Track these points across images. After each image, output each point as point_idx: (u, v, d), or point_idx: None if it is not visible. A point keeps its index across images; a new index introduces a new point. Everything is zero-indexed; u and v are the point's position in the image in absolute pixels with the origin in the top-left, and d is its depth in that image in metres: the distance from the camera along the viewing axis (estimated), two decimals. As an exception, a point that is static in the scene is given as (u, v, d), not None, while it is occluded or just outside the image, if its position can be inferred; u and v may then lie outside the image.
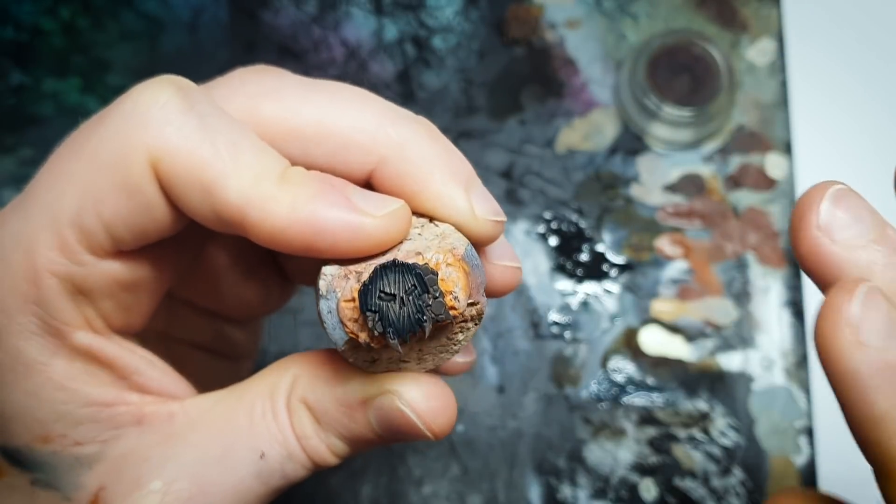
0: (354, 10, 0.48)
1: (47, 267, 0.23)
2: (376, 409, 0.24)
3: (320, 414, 0.24)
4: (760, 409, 0.43)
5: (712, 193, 0.45)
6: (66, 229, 0.23)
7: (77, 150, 0.23)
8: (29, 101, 0.47)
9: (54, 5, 0.48)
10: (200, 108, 0.22)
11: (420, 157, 0.24)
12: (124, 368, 0.25)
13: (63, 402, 0.24)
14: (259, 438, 0.24)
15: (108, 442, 0.24)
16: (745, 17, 0.48)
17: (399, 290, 0.21)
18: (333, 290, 0.22)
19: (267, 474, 0.24)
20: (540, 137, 0.47)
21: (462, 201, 0.23)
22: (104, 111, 0.23)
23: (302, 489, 0.42)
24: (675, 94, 0.45)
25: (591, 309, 0.45)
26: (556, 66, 0.47)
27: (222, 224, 0.22)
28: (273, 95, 0.24)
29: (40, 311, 0.23)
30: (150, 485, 0.23)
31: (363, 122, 0.24)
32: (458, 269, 0.22)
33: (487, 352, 0.44)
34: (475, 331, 0.23)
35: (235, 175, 0.22)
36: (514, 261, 0.26)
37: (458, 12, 0.48)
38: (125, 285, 0.24)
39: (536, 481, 0.42)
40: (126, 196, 0.22)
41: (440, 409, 0.24)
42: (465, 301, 0.22)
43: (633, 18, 0.48)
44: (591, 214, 0.46)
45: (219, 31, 0.48)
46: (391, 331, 0.21)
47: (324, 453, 0.25)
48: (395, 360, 0.23)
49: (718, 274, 0.44)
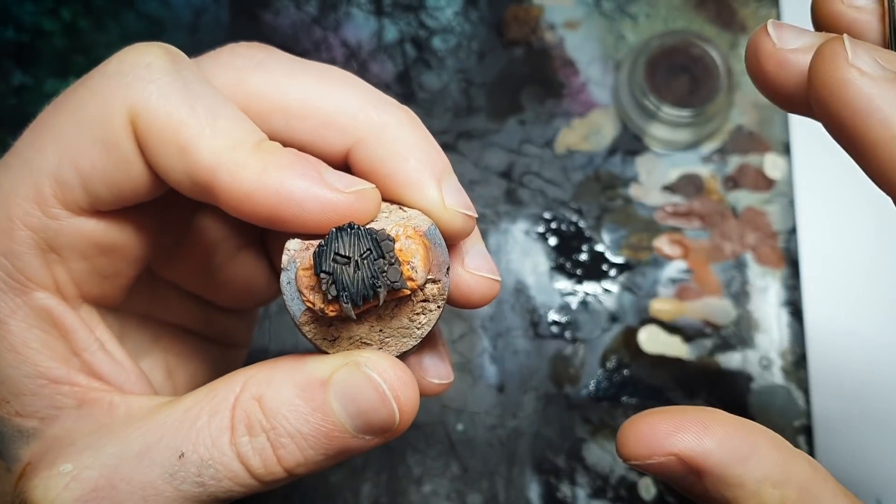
0: (355, 10, 0.49)
1: (20, 217, 0.23)
2: (340, 384, 0.22)
3: (274, 411, 0.22)
4: (759, 408, 0.43)
5: (711, 193, 0.46)
6: (43, 181, 0.23)
7: (59, 108, 0.23)
8: (30, 101, 0.48)
9: (55, 6, 0.49)
10: (185, 73, 0.23)
11: (397, 142, 0.24)
12: (78, 342, 0.24)
13: (12, 365, 0.23)
14: (183, 439, 0.22)
15: (46, 420, 0.24)
16: (744, 18, 0.48)
17: (354, 253, 0.21)
18: (293, 261, 0.22)
19: (181, 477, 0.22)
20: (539, 138, 0.47)
21: (432, 189, 0.23)
22: (90, 72, 0.23)
23: (302, 487, 0.42)
24: (674, 94, 0.45)
25: (591, 308, 0.45)
26: (555, 66, 0.48)
27: (195, 188, 0.23)
28: (260, 69, 0.24)
29: (7, 264, 0.23)
30: (61, 467, 0.22)
31: (346, 103, 0.24)
32: (417, 242, 0.22)
33: (487, 351, 0.44)
34: (438, 315, 0.23)
35: (211, 138, 0.22)
36: (492, 272, 0.25)
37: (458, 13, 0.49)
38: (100, 248, 0.24)
39: (536, 480, 0.43)
40: (104, 151, 0.22)
41: (408, 382, 0.23)
42: (423, 274, 0.22)
43: (633, 19, 0.48)
44: (591, 214, 0.46)
45: (220, 31, 0.48)
46: (345, 295, 0.21)
47: (258, 463, 0.22)
48: (356, 341, 0.23)
49: (717, 274, 0.45)
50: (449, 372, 0.27)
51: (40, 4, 0.49)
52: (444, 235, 0.23)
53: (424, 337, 0.24)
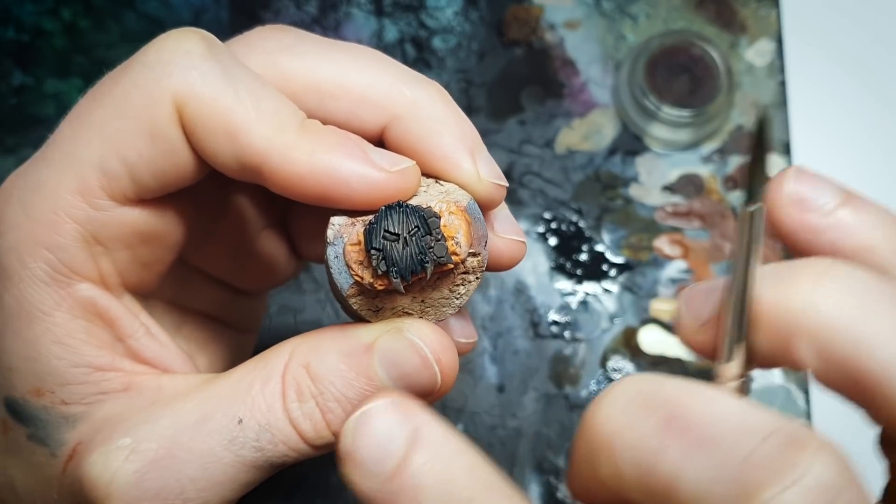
0: (355, 10, 0.49)
1: (66, 210, 0.23)
2: (383, 349, 0.23)
3: (321, 376, 0.23)
4: (759, 408, 0.43)
5: (711, 193, 0.46)
6: (89, 173, 0.23)
7: (100, 99, 0.23)
8: (30, 101, 0.48)
9: (56, 6, 0.49)
10: (222, 57, 0.23)
11: (431, 118, 0.24)
12: (123, 329, 0.25)
13: (57, 356, 0.24)
14: (240, 406, 0.23)
15: (93, 405, 0.24)
16: (744, 18, 0.48)
17: (403, 230, 0.22)
18: (340, 236, 0.23)
19: (240, 443, 0.23)
20: (539, 138, 0.47)
21: (468, 163, 0.24)
22: (127, 61, 0.23)
23: (302, 487, 0.42)
24: (674, 94, 0.45)
25: (591, 308, 0.45)
26: (555, 66, 0.48)
27: (242, 170, 0.23)
28: (292, 51, 0.25)
29: (52, 258, 0.23)
30: (119, 441, 0.23)
31: (379, 81, 0.25)
32: (460, 217, 0.23)
33: (487, 351, 0.44)
34: (476, 286, 0.24)
35: (258, 122, 0.22)
36: (518, 235, 0.26)
37: (458, 13, 0.49)
38: (143, 236, 0.24)
39: (536, 480, 0.43)
40: (150, 140, 0.23)
41: (448, 346, 0.24)
42: (466, 248, 0.23)
43: (633, 19, 0.48)
44: (591, 214, 0.46)
45: (220, 32, 0.48)
46: (394, 270, 0.22)
47: (308, 428, 0.23)
48: (399, 311, 0.24)
49: (717, 274, 0.45)
50: (473, 331, 0.28)
51: (40, 4, 0.49)
52: (480, 205, 0.24)
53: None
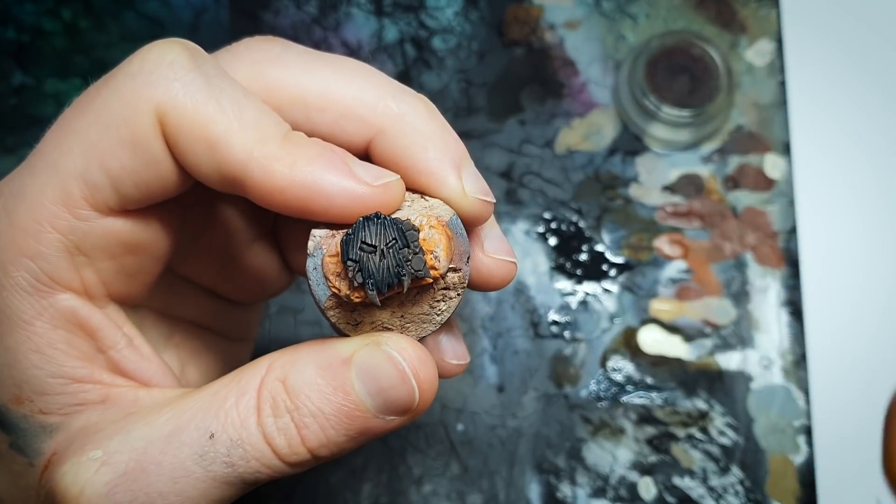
0: (355, 10, 0.49)
1: (49, 220, 0.23)
2: (361, 362, 0.23)
3: (297, 391, 0.23)
4: (759, 408, 0.43)
5: (711, 194, 0.46)
6: (72, 183, 0.23)
7: (84, 109, 0.23)
8: (30, 101, 0.48)
9: (56, 6, 0.49)
10: (206, 68, 0.23)
11: (416, 132, 0.24)
12: (104, 340, 0.25)
13: (36, 366, 0.23)
14: (212, 420, 0.23)
15: (70, 415, 0.24)
16: (744, 18, 0.48)
17: (380, 242, 0.22)
18: (320, 248, 0.23)
19: (210, 458, 0.22)
20: (539, 138, 0.47)
21: (453, 178, 0.24)
22: (112, 72, 0.23)
23: (302, 487, 0.42)
24: (674, 94, 0.45)
25: (591, 308, 0.45)
26: (555, 66, 0.48)
27: (224, 182, 0.23)
28: (278, 62, 0.25)
29: (34, 267, 0.23)
30: (91, 453, 0.23)
31: (365, 94, 0.24)
32: (440, 231, 0.23)
33: (487, 351, 0.44)
34: (458, 302, 0.24)
35: (239, 133, 0.22)
36: (509, 255, 0.26)
37: (458, 13, 0.49)
38: (128, 246, 0.24)
39: (536, 480, 0.43)
40: (132, 151, 0.23)
41: (427, 361, 0.23)
42: (445, 263, 0.22)
43: (633, 19, 0.48)
44: (591, 214, 0.46)
45: (220, 31, 0.48)
46: (370, 282, 0.22)
47: (283, 444, 0.23)
48: (378, 325, 0.24)
49: (717, 274, 0.45)
50: (465, 353, 0.27)
51: (40, 4, 0.49)
52: (464, 221, 0.24)
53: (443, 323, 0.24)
